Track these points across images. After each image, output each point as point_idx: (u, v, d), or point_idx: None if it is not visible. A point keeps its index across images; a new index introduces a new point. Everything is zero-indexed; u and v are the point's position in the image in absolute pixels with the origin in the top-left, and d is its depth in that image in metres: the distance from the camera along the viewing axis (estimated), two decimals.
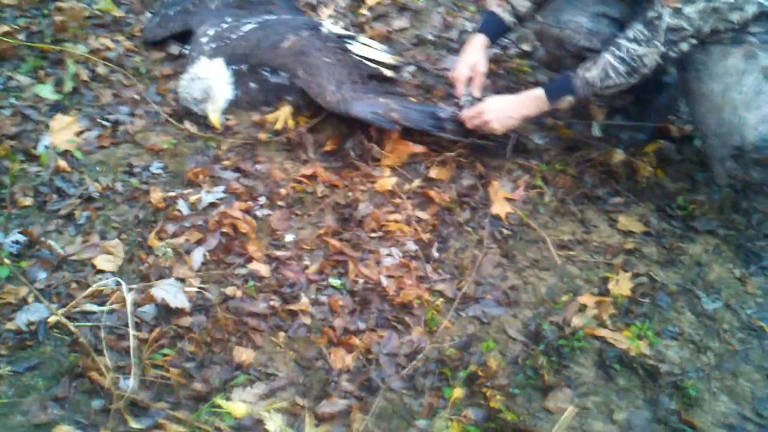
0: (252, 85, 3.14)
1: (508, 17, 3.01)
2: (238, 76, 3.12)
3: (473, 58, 3.02)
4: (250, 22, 3.26)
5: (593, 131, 3.19)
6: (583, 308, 2.49)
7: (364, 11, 3.99)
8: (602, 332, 2.42)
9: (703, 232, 2.84)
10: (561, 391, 2.27)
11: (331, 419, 2.15)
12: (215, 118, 2.99)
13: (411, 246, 2.66)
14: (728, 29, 2.58)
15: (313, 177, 2.87)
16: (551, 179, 2.97)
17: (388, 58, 3.38)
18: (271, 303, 2.41)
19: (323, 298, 2.46)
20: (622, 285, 2.56)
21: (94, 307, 2.31)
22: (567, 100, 2.73)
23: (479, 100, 2.97)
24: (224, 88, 3.06)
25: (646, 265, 2.68)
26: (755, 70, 2.53)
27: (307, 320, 2.38)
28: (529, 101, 2.80)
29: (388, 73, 3.29)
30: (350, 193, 2.82)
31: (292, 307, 2.40)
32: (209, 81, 3.00)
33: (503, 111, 2.81)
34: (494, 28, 3.06)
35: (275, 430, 2.08)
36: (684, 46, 2.57)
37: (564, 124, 3.23)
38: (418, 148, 3.01)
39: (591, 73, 2.65)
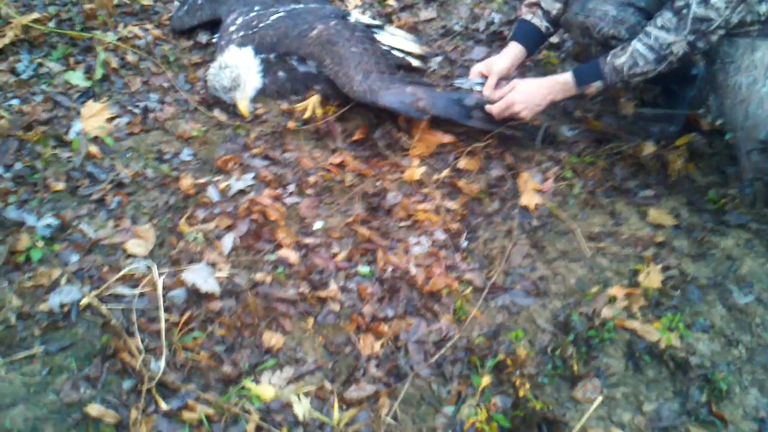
0: (280, 74, 3.15)
1: (540, 22, 2.99)
2: (267, 64, 3.13)
3: (494, 60, 3.02)
4: (278, 11, 3.27)
5: (626, 114, 3.17)
6: (612, 299, 2.47)
7: (391, 1, 4.00)
8: (632, 324, 2.40)
9: (734, 226, 2.81)
10: (590, 381, 2.26)
11: (359, 404, 2.15)
12: (244, 106, 3.01)
13: (440, 235, 2.65)
14: (755, 21, 2.56)
15: (341, 166, 2.88)
16: (581, 171, 2.95)
17: (415, 48, 3.38)
18: (300, 289, 2.41)
19: (352, 285, 2.46)
20: (652, 277, 2.54)
21: (126, 290, 2.33)
22: (595, 86, 2.73)
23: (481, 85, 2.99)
24: (253, 77, 3.07)
25: (677, 258, 2.66)
26: None
27: (336, 307, 2.39)
28: (558, 86, 2.80)
29: (415, 63, 3.29)
30: (379, 182, 2.82)
31: (321, 293, 2.41)
32: (238, 70, 3.01)
33: (531, 99, 2.81)
34: (528, 36, 3.04)
35: (303, 414, 2.09)
36: (712, 37, 2.55)
37: (593, 116, 3.21)
38: (447, 138, 3.01)
39: (620, 59, 2.65)
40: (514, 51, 3.02)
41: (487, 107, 2.90)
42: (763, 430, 2.20)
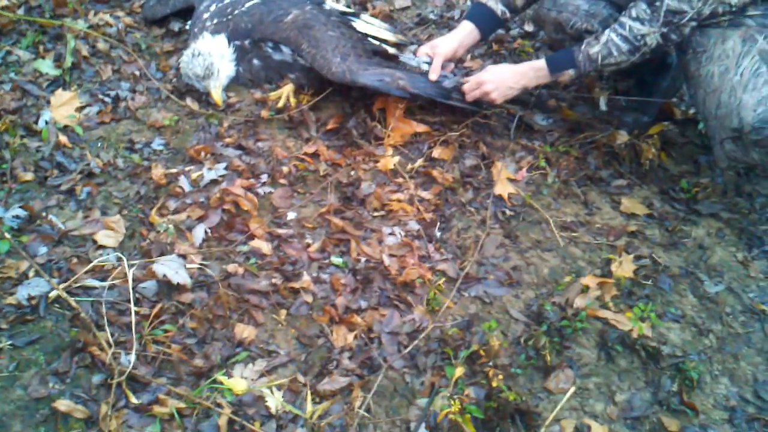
0: (255, 61, 3.12)
1: (495, 5, 2.98)
2: (241, 52, 3.09)
3: (440, 40, 3.01)
4: None
5: (600, 105, 3.18)
6: (585, 289, 2.48)
7: None
8: (604, 314, 2.42)
9: (706, 215, 2.83)
10: (562, 371, 2.27)
11: (332, 396, 2.15)
12: (217, 95, 2.97)
13: (413, 225, 2.65)
14: (726, 12, 2.59)
15: (315, 155, 2.86)
16: (554, 160, 2.95)
17: (390, 37, 3.35)
18: (273, 280, 2.40)
19: (325, 277, 2.45)
20: (624, 267, 2.55)
21: (95, 283, 2.30)
22: (568, 74, 2.74)
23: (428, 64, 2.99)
24: (226, 65, 3.03)
25: (649, 248, 2.68)
26: (753, 52, 2.52)
27: (309, 298, 2.38)
28: (531, 72, 2.81)
29: (391, 50, 3.26)
30: (353, 172, 2.80)
31: (294, 284, 2.40)
32: (211, 57, 2.97)
33: (503, 81, 2.82)
34: (481, 18, 3.02)
35: (276, 407, 2.08)
36: (685, 29, 2.58)
37: (567, 105, 3.21)
38: (421, 128, 2.99)
39: (594, 48, 2.66)
40: (463, 32, 3.01)
41: (462, 86, 2.92)
42: (733, 418, 2.22)
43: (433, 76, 2.94)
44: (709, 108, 2.64)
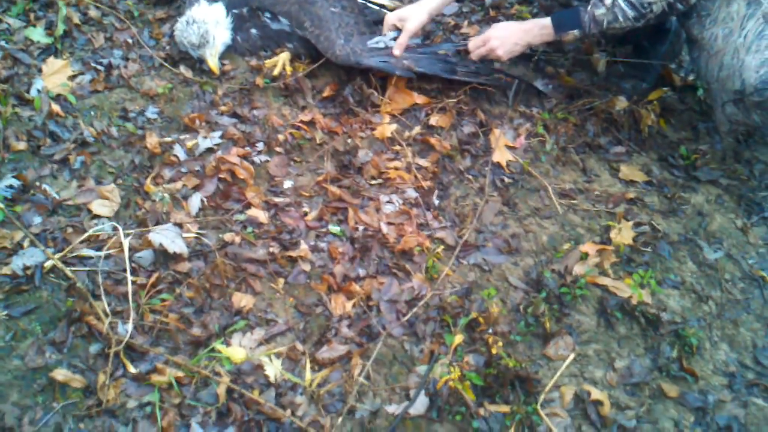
0: (253, 31, 3.07)
1: None
2: (238, 20, 3.04)
3: (409, 13, 2.93)
4: None
5: (599, 68, 3.16)
6: (584, 256, 2.47)
7: None
8: (603, 280, 2.41)
9: (705, 181, 2.81)
10: (562, 338, 2.26)
11: (331, 364, 2.14)
12: (213, 63, 2.93)
13: (411, 193, 2.63)
14: None
15: (311, 123, 2.82)
16: (553, 127, 2.92)
17: (388, 2, 3.31)
18: (270, 249, 2.38)
19: (323, 245, 2.43)
20: (623, 234, 2.54)
21: (91, 252, 2.28)
22: (572, 34, 2.73)
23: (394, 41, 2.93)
24: (222, 32, 2.98)
25: (648, 215, 2.66)
26: (758, 14, 2.50)
27: (307, 267, 2.36)
28: (536, 29, 2.79)
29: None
30: (349, 140, 2.77)
31: (292, 253, 2.38)
32: (206, 25, 2.92)
33: (509, 37, 2.81)
34: None
35: (274, 375, 2.08)
36: None
37: (565, 72, 3.18)
38: (421, 99, 2.95)
39: (600, 10, 2.64)
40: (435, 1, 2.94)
41: (467, 44, 2.92)
42: (732, 384, 2.23)
43: (397, 52, 2.90)
44: (711, 71, 2.63)
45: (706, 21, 2.63)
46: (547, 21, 2.76)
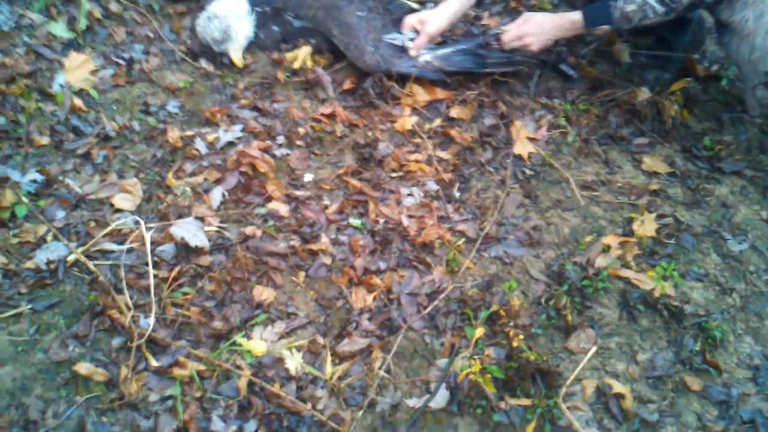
0: (274, 27, 3.07)
1: None
2: (261, 17, 3.04)
3: (430, 16, 2.92)
4: None
5: (622, 59, 3.15)
6: (606, 249, 2.45)
7: None
8: (626, 273, 2.39)
9: (729, 173, 2.78)
10: (584, 331, 2.25)
11: (352, 358, 2.14)
12: (237, 57, 2.94)
13: (432, 186, 2.62)
14: None
15: (332, 116, 2.82)
16: (575, 119, 2.90)
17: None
18: (291, 242, 2.38)
19: (343, 238, 2.43)
20: (646, 226, 2.52)
21: (114, 246, 2.30)
22: (603, 29, 2.75)
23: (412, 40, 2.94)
24: (244, 25, 2.98)
25: (671, 206, 2.64)
26: None
27: (328, 260, 2.36)
28: (567, 24, 2.80)
29: (416, 8, 3.21)
30: (370, 133, 2.77)
31: (312, 246, 2.38)
32: (227, 20, 2.92)
33: (543, 34, 2.83)
34: None
35: (295, 368, 2.08)
36: None
37: (587, 63, 3.15)
38: (442, 95, 2.94)
39: (630, 7, 2.65)
40: (457, 3, 2.93)
41: (501, 37, 2.93)
42: (757, 377, 2.20)
43: (413, 52, 2.91)
44: (742, 54, 2.64)
45: (736, 5, 2.62)
46: (578, 16, 2.76)
